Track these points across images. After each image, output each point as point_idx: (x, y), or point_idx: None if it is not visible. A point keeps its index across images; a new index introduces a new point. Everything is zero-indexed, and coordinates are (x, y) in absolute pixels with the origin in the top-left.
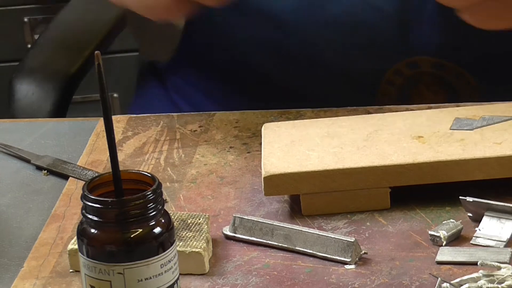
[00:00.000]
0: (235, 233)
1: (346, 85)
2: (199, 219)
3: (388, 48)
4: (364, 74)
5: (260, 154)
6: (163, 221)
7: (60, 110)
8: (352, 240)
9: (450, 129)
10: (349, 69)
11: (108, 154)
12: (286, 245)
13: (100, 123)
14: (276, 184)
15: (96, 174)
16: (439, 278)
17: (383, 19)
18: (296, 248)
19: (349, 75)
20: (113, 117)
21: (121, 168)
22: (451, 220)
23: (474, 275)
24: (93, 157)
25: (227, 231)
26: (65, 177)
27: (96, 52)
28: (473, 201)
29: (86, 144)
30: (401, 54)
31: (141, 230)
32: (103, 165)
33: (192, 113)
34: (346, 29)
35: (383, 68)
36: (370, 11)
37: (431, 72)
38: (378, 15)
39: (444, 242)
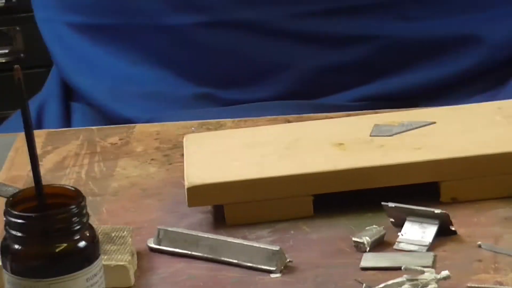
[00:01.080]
0: (159, 245)
1: None
2: (123, 232)
3: None
4: None
5: (182, 165)
6: (88, 234)
7: None
8: (277, 249)
9: (370, 135)
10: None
11: (29, 169)
12: (211, 256)
13: (19, 138)
14: (199, 194)
15: (17, 190)
16: (364, 284)
17: None
18: (221, 258)
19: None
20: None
21: (42, 183)
22: (374, 226)
23: (398, 279)
24: (12, 172)
25: (151, 243)
26: None
27: (15, 66)
28: (395, 206)
29: (4, 160)
30: None
31: (66, 244)
32: (23, 181)
33: (112, 126)
34: None
35: None
36: None
37: None
38: None
39: (368, 248)
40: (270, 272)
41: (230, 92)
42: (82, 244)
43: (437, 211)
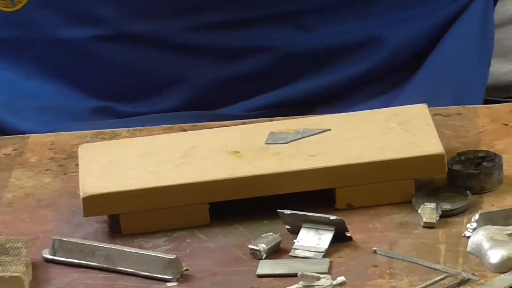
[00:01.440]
0: (55, 255)
1: None
2: (18, 243)
3: None
4: None
5: (77, 175)
6: None
7: None
8: (173, 258)
9: (266, 143)
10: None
11: None
12: (107, 265)
13: None
14: (95, 204)
15: None
16: None
17: None
18: (117, 268)
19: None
20: None
21: None
22: (270, 233)
23: (295, 286)
24: None
25: (46, 254)
26: None
27: None
28: (290, 213)
29: None
30: None
31: None
32: None
33: (5, 137)
34: None
35: None
36: None
37: None
38: None
39: (264, 255)
40: (166, 280)
41: (128, 105)
42: None
43: (332, 217)
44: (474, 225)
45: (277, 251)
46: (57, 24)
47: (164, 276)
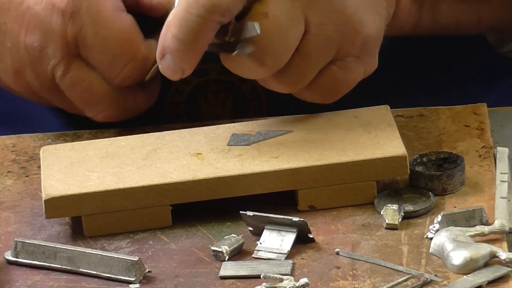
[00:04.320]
0: (17, 257)
1: None
2: None
3: None
4: None
5: (39, 177)
6: None
7: None
8: (136, 259)
9: (228, 145)
10: None
11: None
12: (69, 267)
13: None
14: (57, 206)
15: None
16: None
17: None
18: (80, 269)
19: None
20: None
21: None
22: (233, 235)
23: None
24: None
25: (9, 256)
26: None
27: None
28: (253, 215)
29: None
30: None
31: None
32: None
33: None
34: None
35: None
36: None
37: (218, 78)
38: None
39: (227, 257)
40: (129, 282)
41: None
42: None
43: (295, 219)
44: (437, 226)
45: (240, 253)
46: None
47: (127, 278)
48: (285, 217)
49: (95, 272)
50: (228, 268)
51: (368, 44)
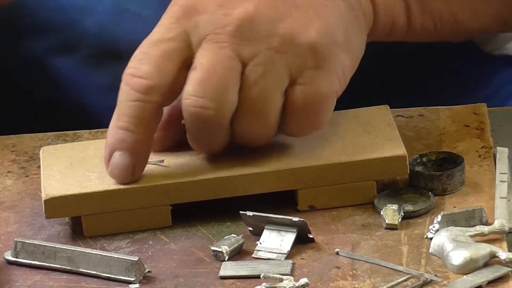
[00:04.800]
0: (17, 257)
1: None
2: None
3: None
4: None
5: (39, 177)
6: None
7: None
8: (136, 259)
9: None
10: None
11: None
12: (69, 267)
13: None
14: (57, 206)
15: None
16: None
17: (144, 25)
18: (80, 269)
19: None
20: None
21: None
22: (233, 235)
23: None
24: None
25: (8, 256)
26: None
27: None
28: (253, 215)
29: None
30: None
31: None
32: None
33: None
34: (106, 37)
35: None
36: (129, 16)
37: None
38: (138, 19)
39: (227, 257)
40: (129, 282)
41: None
42: None
43: (294, 219)
44: (437, 226)
45: (239, 253)
46: None
47: (126, 278)
48: (285, 217)
49: (95, 272)
50: (228, 268)
51: (319, 50)
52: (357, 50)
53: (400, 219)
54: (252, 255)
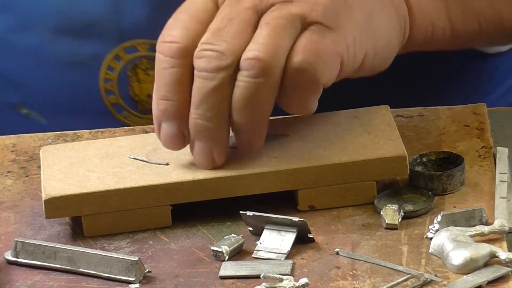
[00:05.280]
0: (17, 257)
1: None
2: None
3: (104, 33)
4: (85, 60)
5: (39, 177)
6: None
7: None
8: (136, 259)
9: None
10: (68, 54)
11: None
12: (69, 267)
13: None
14: (57, 206)
15: None
16: None
17: (96, 2)
18: (80, 269)
19: (70, 61)
20: None
21: None
22: (233, 235)
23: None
24: None
25: (9, 256)
26: None
27: None
28: (253, 215)
29: None
30: (117, 39)
31: None
32: None
33: None
34: (59, 15)
35: (102, 54)
36: None
37: (148, 55)
38: None
39: (227, 257)
40: (129, 282)
41: None
42: None
43: (295, 219)
44: (437, 226)
45: (239, 253)
46: None
47: (126, 278)
48: (285, 217)
49: (95, 272)
50: (228, 268)
51: (332, 10)
52: (382, 40)
53: (400, 219)
54: (252, 255)
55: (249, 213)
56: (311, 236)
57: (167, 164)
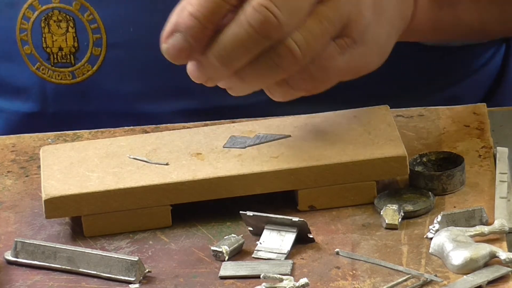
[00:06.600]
0: (17, 257)
1: None
2: None
3: None
4: (2, 8)
5: (39, 177)
6: None
7: None
8: (136, 259)
9: (223, 147)
10: None
11: None
12: (69, 267)
13: None
14: (57, 206)
15: None
16: None
17: None
18: (80, 269)
19: None
20: None
21: None
22: (233, 235)
23: None
24: None
25: (8, 256)
26: None
27: None
28: (253, 215)
29: None
30: None
31: None
32: None
33: None
34: None
35: (19, 2)
36: None
37: (61, 6)
38: None
39: (227, 257)
40: (129, 282)
41: None
42: None
43: (295, 219)
44: (437, 226)
45: (239, 253)
46: None
47: (126, 278)
48: (285, 217)
49: (95, 272)
50: (228, 268)
51: (368, 32)
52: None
53: (400, 219)
54: (252, 255)
55: (249, 213)
56: (311, 236)
57: (167, 164)
